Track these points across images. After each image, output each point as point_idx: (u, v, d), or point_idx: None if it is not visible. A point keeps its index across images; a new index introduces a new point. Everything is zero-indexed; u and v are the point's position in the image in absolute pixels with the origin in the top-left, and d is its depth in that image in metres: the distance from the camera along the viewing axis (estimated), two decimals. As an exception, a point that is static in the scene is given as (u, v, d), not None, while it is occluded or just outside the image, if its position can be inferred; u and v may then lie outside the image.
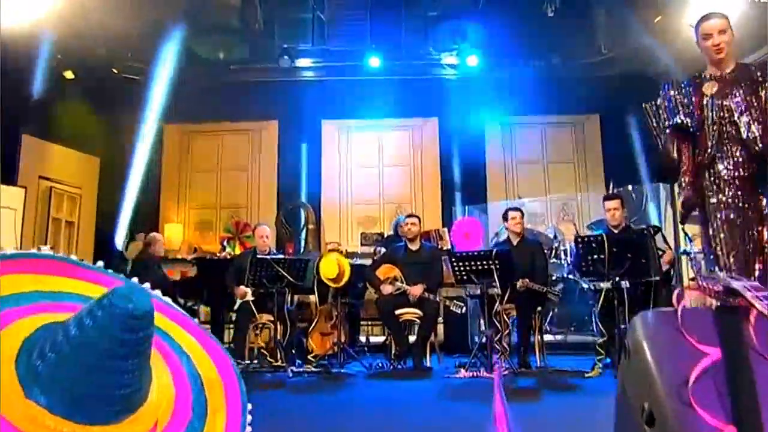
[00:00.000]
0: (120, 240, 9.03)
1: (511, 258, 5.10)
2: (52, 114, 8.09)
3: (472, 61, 9.08)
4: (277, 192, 9.68)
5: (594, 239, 4.73)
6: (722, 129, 2.98)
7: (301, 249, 9.11)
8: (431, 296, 5.58)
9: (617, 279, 4.62)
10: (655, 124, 3.18)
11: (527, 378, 4.70)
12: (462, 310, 5.48)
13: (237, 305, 5.99)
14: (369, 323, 7.79)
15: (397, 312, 5.68)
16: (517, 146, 9.64)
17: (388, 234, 8.38)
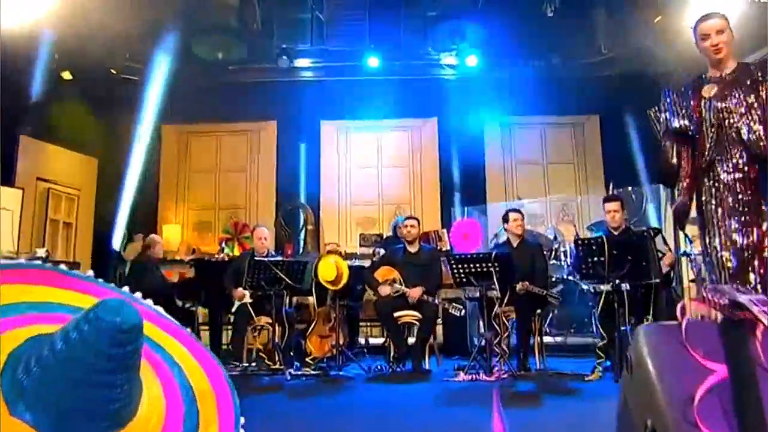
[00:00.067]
0: (118, 241, 9.00)
1: (511, 260, 5.07)
2: (50, 115, 8.04)
3: (472, 62, 9.03)
4: (276, 193, 9.63)
5: (594, 241, 4.70)
6: (722, 131, 2.94)
7: (300, 250, 9.08)
8: (430, 298, 5.55)
9: (617, 281, 4.59)
10: (659, 129, 3.15)
11: (527, 382, 4.66)
12: (461, 313, 5.45)
13: (235, 307, 5.97)
14: (368, 324, 7.75)
15: (396, 314, 5.65)
16: (517, 147, 9.60)
17: (387, 235, 8.35)
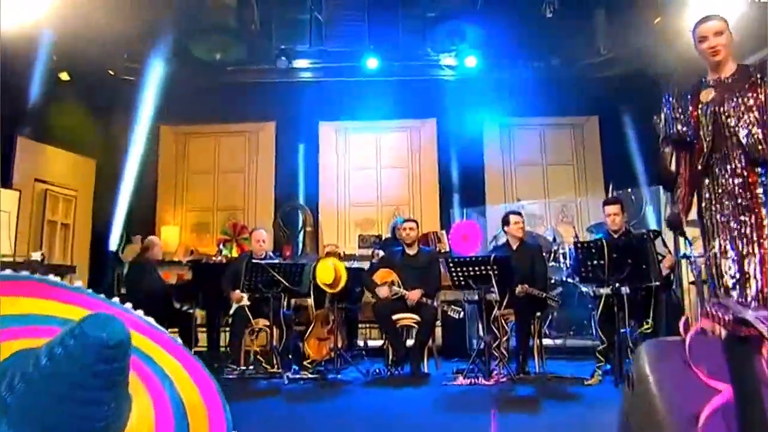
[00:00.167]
0: (116, 242, 8.97)
1: (510, 263, 5.03)
2: (48, 116, 8.00)
3: (471, 62, 8.99)
4: (275, 194, 9.58)
5: (593, 245, 4.67)
6: (720, 136, 2.90)
7: (299, 251, 9.04)
8: (429, 301, 5.52)
9: (617, 285, 4.56)
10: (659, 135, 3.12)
11: (526, 386, 4.63)
12: (460, 315, 5.41)
13: (233, 310, 5.93)
14: (367, 326, 7.72)
15: (395, 317, 5.63)
16: (516, 148, 9.55)
17: (386, 236, 8.33)
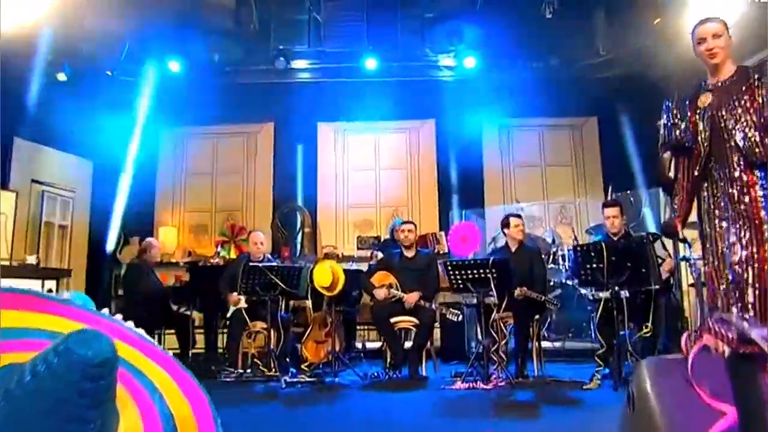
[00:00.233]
0: (114, 244, 8.94)
1: (509, 266, 4.99)
2: (45, 117, 7.96)
3: (470, 63, 8.96)
4: (273, 195, 9.55)
5: (593, 248, 4.64)
6: (719, 140, 2.86)
7: (297, 252, 9.01)
8: (427, 304, 5.49)
9: (616, 288, 4.53)
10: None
11: (525, 390, 4.59)
12: (458, 318, 5.38)
13: (230, 312, 5.91)
14: (365, 328, 7.69)
15: (393, 320, 5.60)
16: (515, 149, 9.52)
17: (385, 238, 8.30)
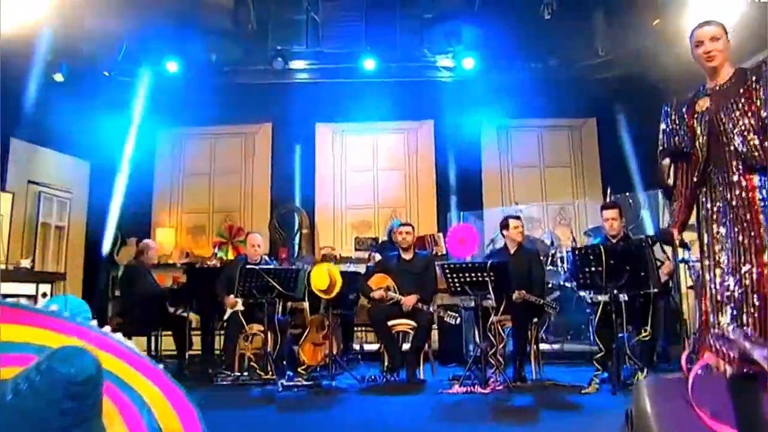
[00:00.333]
0: (111, 245, 8.90)
1: (507, 269, 4.96)
2: (42, 117, 7.92)
3: (468, 64, 8.93)
4: (271, 196, 9.51)
5: (591, 251, 4.61)
6: (717, 145, 2.83)
7: (295, 254, 8.98)
8: (425, 307, 5.46)
9: (615, 292, 4.51)
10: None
11: (523, 394, 4.55)
12: (456, 321, 5.35)
13: (227, 315, 5.87)
14: (363, 329, 7.66)
15: (390, 323, 5.56)
16: (514, 150, 9.49)
17: (383, 239, 8.27)
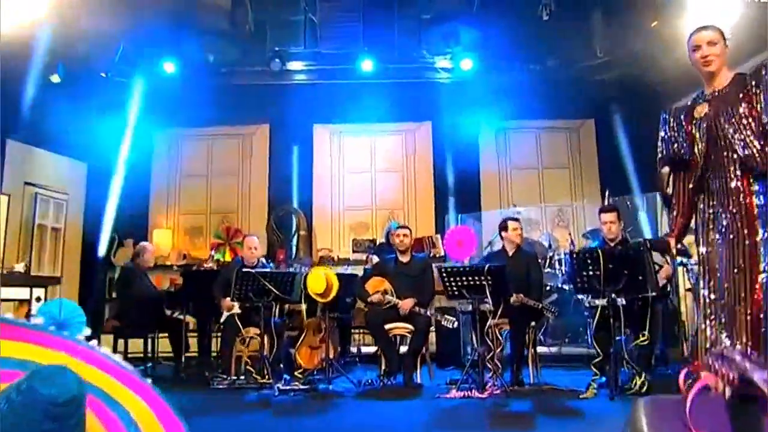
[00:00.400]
0: (108, 246, 8.86)
1: (505, 273, 4.93)
2: (38, 119, 7.88)
3: (466, 65, 8.90)
4: (268, 197, 9.48)
5: (589, 255, 4.58)
6: (716, 151, 2.80)
7: (293, 255, 8.95)
8: (422, 311, 5.44)
9: (613, 296, 4.48)
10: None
11: (520, 399, 4.51)
12: (453, 325, 5.31)
13: (223, 318, 5.85)
14: (360, 332, 7.63)
15: (388, 326, 5.54)
16: (512, 151, 9.47)
17: (380, 241, 8.24)
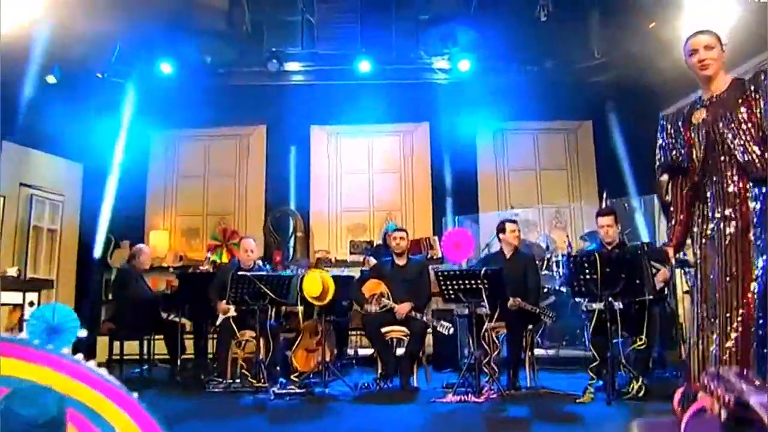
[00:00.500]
0: (104, 248, 8.82)
1: (501, 276, 4.90)
2: (34, 120, 7.85)
3: (464, 66, 8.88)
4: (265, 198, 9.45)
5: (587, 258, 4.55)
6: (715, 156, 2.78)
7: (290, 257, 8.93)
8: (418, 315, 5.41)
9: (610, 299, 4.46)
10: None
11: (517, 404, 4.48)
12: (449, 332, 5.26)
13: (219, 320, 5.82)
14: (357, 334, 7.60)
15: (384, 330, 5.52)
16: (510, 153, 9.45)
17: (377, 243, 8.22)
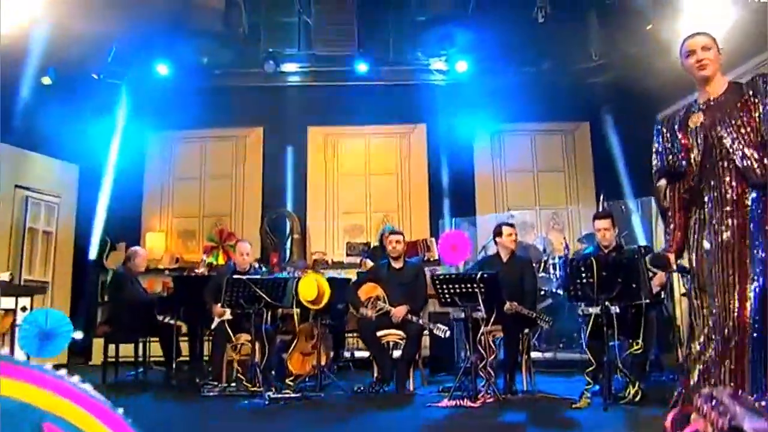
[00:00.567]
0: (100, 250, 8.79)
1: (498, 280, 4.88)
2: (29, 121, 7.81)
3: (461, 67, 8.88)
4: (262, 200, 9.44)
5: (583, 262, 4.53)
6: (713, 161, 2.76)
7: (286, 258, 8.91)
8: (414, 318, 5.39)
9: (606, 304, 4.44)
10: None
11: (513, 409, 4.46)
12: (445, 335, 5.25)
13: (214, 324, 5.80)
14: (354, 336, 7.58)
15: (380, 333, 5.50)
16: (507, 154, 9.43)
17: (374, 245, 8.20)
